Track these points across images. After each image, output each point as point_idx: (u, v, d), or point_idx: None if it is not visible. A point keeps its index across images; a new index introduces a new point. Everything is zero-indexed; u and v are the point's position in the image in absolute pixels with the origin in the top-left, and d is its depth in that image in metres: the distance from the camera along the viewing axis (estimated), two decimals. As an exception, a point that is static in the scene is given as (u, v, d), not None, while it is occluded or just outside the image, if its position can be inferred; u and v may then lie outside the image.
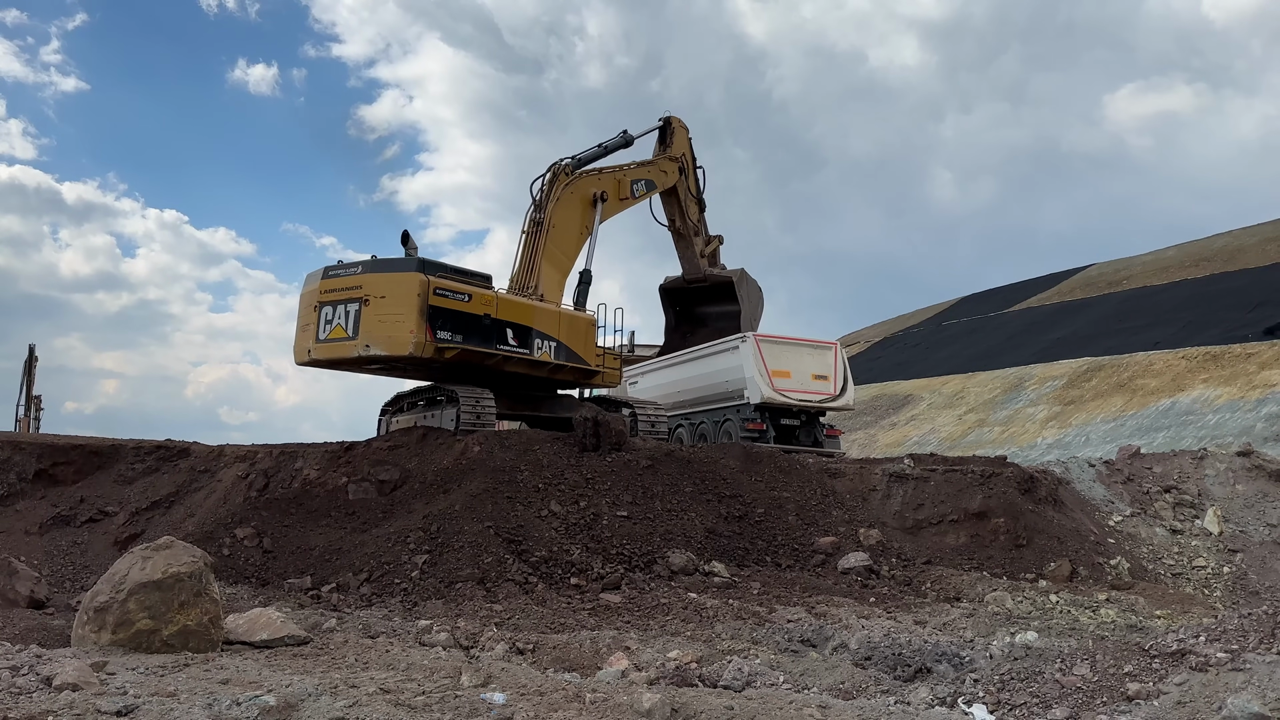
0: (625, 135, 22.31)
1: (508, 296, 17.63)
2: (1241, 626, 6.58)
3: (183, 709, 5.00)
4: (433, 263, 16.80)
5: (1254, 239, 54.81)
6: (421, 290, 15.92)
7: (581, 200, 20.55)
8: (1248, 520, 16.23)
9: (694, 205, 24.05)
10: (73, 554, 14.21)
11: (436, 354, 16.17)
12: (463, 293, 16.58)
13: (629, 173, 22.00)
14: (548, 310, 18.22)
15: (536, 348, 17.58)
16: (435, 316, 16.00)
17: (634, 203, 22.33)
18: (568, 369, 18.23)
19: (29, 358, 37.80)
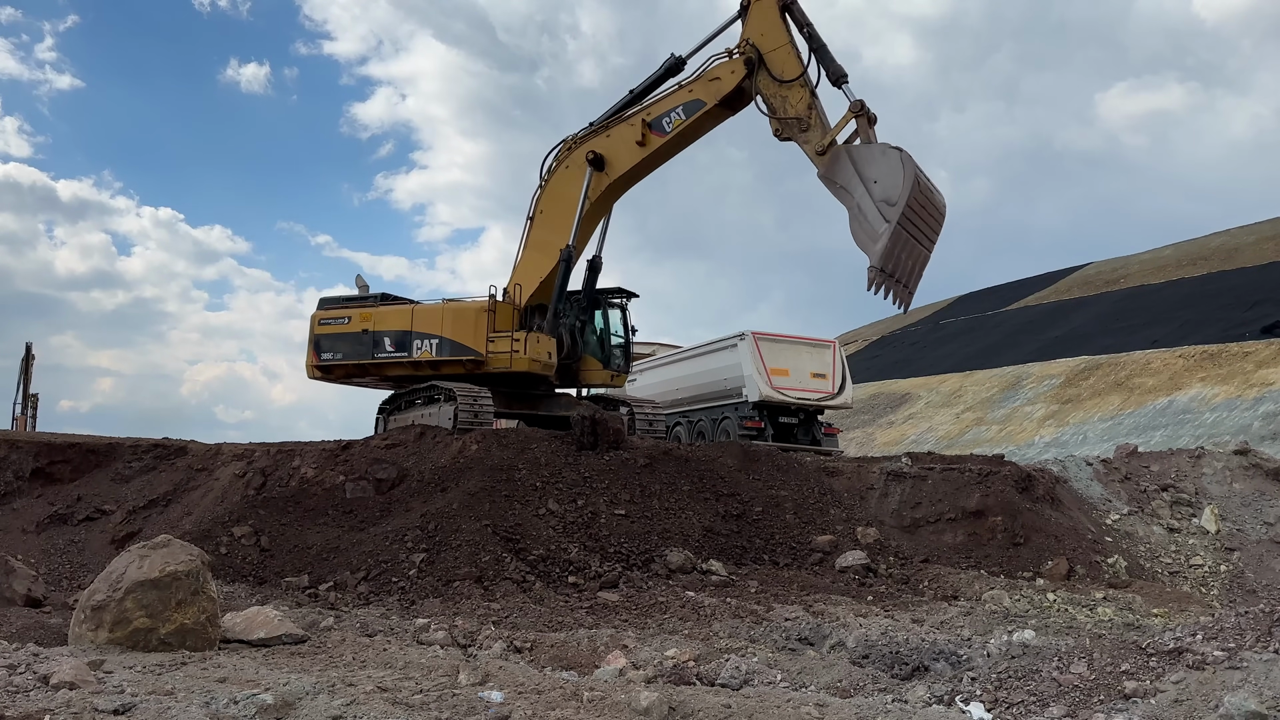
0: (673, 58, 17.51)
1: (385, 309, 19.67)
2: (1238, 625, 6.59)
3: (180, 707, 5.00)
4: (337, 298, 20.54)
5: (1251, 238, 54.88)
6: (312, 323, 19.92)
7: (580, 168, 18.03)
8: (1245, 519, 16.26)
9: (794, 92, 15.99)
10: (70, 552, 14.19)
11: (323, 373, 19.91)
12: (342, 316, 19.74)
13: (655, 107, 17.45)
14: (429, 309, 19.24)
15: (415, 349, 18.92)
16: (320, 342, 19.64)
17: (677, 142, 17.54)
18: (455, 363, 18.65)
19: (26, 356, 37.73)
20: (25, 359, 37.66)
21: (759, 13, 16.66)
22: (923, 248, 15.03)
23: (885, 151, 14.57)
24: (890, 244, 14.20)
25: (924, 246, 15.04)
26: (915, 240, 14.79)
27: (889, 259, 14.27)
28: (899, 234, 14.22)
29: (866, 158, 14.79)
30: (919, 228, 14.74)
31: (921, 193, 14.49)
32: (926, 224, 14.93)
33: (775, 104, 16.29)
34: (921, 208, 14.60)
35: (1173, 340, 40.42)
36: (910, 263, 14.86)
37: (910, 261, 14.86)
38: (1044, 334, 51.93)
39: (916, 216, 14.53)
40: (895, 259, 14.42)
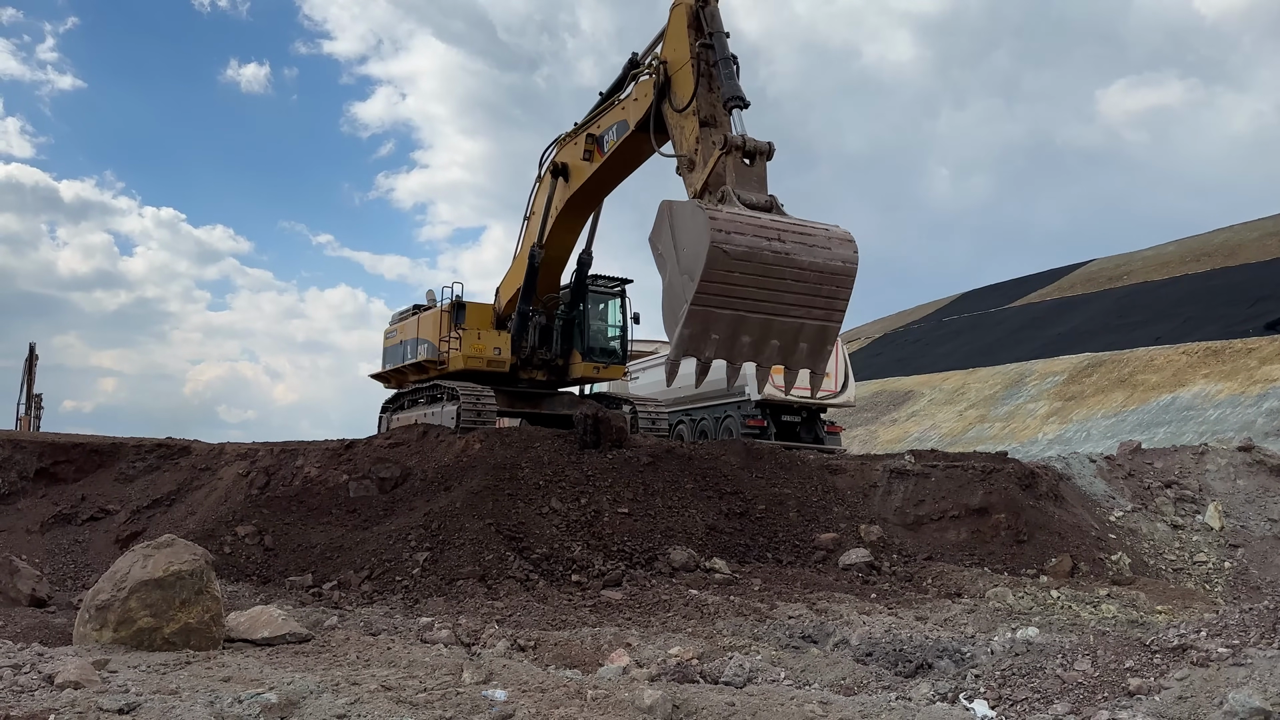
0: (633, 57, 15.18)
1: (411, 319, 21.18)
2: (1243, 621, 6.58)
3: (184, 707, 5.01)
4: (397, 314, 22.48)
5: (1254, 234, 54.79)
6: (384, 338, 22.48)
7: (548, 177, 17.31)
8: (1249, 515, 16.23)
9: (688, 122, 13.27)
10: (74, 552, 14.22)
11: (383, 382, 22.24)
12: (392, 330, 22.05)
13: (603, 120, 15.92)
14: (427, 316, 20.42)
15: (415, 354, 20.48)
16: (384, 354, 22.21)
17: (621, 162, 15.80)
18: (431, 364, 19.76)
19: (29, 356, 37.80)
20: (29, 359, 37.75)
21: (671, 22, 13.99)
22: (790, 320, 11.71)
23: (695, 212, 11.44)
24: (687, 329, 11.19)
25: (790, 318, 11.70)
26: (765, 315, 11.50)
27: (685, 346, 11.35)
28: (704, 316, 11.17)
29: (681, 217, 11.71)
30: (760, 299, 11.38)
31: (739, 261, 11.04)
32: (775, 293, 11.45)
33: (674, 136, 13.68)
34: (754, 277, 11.23)
35: (1176, 337, 40.36)
36: (761, 344, 11.68)
37: (762, 342, 11.67)
38: (1047, 331, 51.87)
39: (743, 289, 11.24)
40: (711, 344, 11.38)
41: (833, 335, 12.30)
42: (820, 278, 11.65)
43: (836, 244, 11.81)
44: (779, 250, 11.31)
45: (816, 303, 11.80)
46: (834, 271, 11.75)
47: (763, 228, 11.32)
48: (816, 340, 12.08)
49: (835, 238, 11.87)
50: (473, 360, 18.12)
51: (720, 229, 10.93)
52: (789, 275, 11.43)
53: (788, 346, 11.92)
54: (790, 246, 11.42)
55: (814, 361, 12.29)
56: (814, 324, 11.91)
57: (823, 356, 12.35)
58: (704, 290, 11.08)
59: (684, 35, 13.48)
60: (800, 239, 11.56)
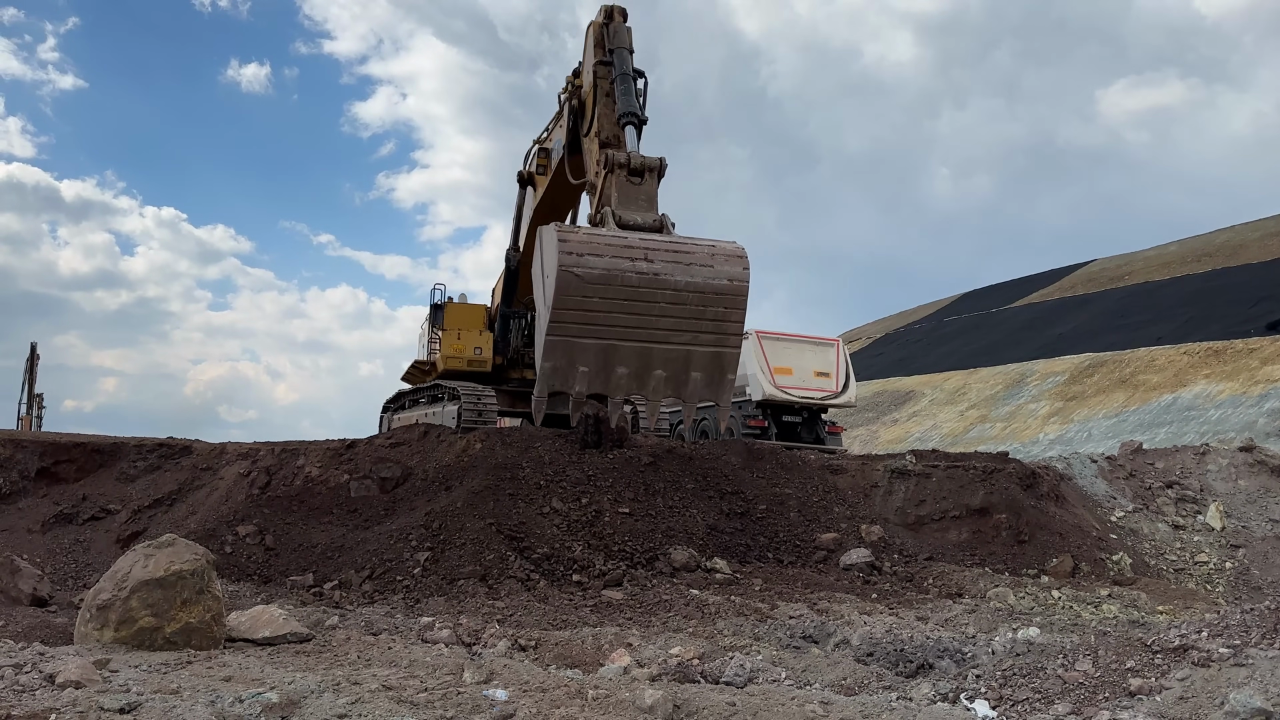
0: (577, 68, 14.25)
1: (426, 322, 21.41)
2: (1244, 622, 6.58)
3: (185, 706, 5.01)
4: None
5: (1256, 234, 54.76)
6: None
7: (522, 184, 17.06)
8: (1250, 515, 16.22)
9: (591, 146, 12.69)
10: (75, 552, 14.22)
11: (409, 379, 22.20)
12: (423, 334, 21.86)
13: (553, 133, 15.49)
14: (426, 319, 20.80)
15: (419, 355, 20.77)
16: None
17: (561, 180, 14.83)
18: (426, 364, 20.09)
19: (31, 356, 37.82)
20: (30, 359, 37.77)
21: (585, 43, 13.25)
22: (673, 347, 10.57)
23: (549, 236, 10.64)
24: (548, 361, 10.39)
25: (673, 345, 10.57)
26: (640, 343, 10.43)
27: (549, 381, 10.47)
28: (565, 347, 10.32)
29: (544, 243, 10.93)
30: (631, 325, 10.36)
31: (596, 285, 10.06)
32: (648, 318, 10.36)
33: (585, 161, 13.03)
34: (619, 301, 10.22)
35: (1177, 337, 40.34)
36: (643, 375, 10.60)
37: (643, 374, 10.58)
38: (1048, 331, 51.86)
39: (606, 314, 10.26)
40: (580, 378, 10.39)
41: (731, 362, 10.94)
42: (702, 299, 10.47)
43: (721, 261, 10.60)
44: (645, 271, 10.27)
45: (703, 326, 10.58)
46: (718, 291, 10.51)
47: (627, 248, 10.33)
48: (713, 369, 10.80)
49: (721, 254, 10.70)
50: (452, 361, 18.31)
51: (571, 251, 10.09)
52: (662, 298, 10.38)
53: (677, 377, 10.70)
54: (661, 266, 10.34)
55: (715, 392, 10.93)
56: (705, 350, 10.65)
57: (724, 387, 10.97)
58: (558, 319, 10.21)
59: (591, 54, 12.95)
60: (674, 258, 10.46)
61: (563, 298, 10.09)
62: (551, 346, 10.34)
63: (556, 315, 10.20)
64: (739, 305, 10.66)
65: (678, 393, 10.78)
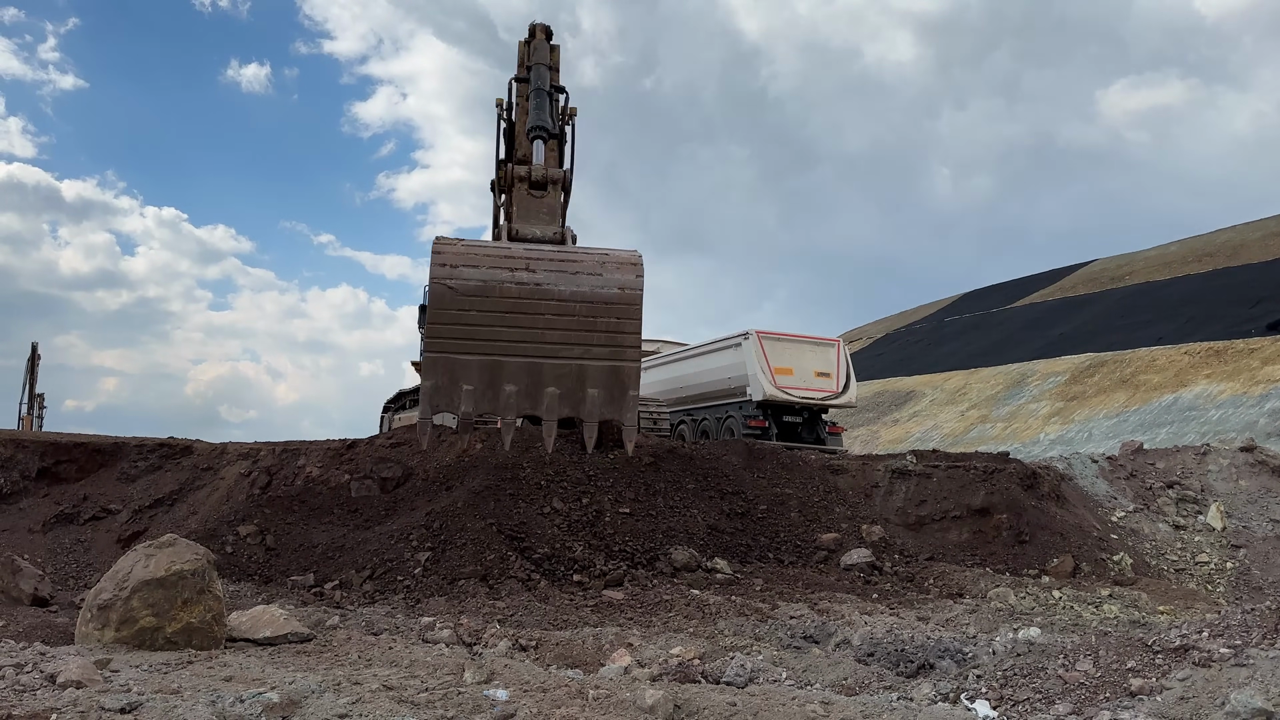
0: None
1: None
2: (1245, 622, 6.57)
3: (186, 706, 5.01)
4: None
5: (1257, 234, 54.73)
6: None
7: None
8: (1251, 516, 16.22)
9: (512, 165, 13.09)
10: (76, 552, 14.22)
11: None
12: None
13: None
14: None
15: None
16: None
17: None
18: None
19: (32, 356, 37.83)
20: (31, 359, 37.78)
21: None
22: (563, 361, 9.85)
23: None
24: (428, 380, 9.80)
25: (563, 359, 9.85)
26: (527, 358, 9.76)
27: (432, 401, 9.82)
28: (446, 365, 9.74)
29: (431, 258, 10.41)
30: (516, 340, 9.71)
31: (472, 298, 9.51)
32: (533, 330, 9.71)
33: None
34: (499, 314, 9.63)
35: (1178, 337, 40.33)
36: (534, 392, 9.87)
37: (534, 391, 9.84)
38: (1049, 331, 51.85)
39: (486, 328, 9.65)
40: (466, 397, 9.70)
41: (630, 376, 10.02)
42: (591, 309, 9.78)
43: (612, 269, 9.92)
44: (526, 281, 9.66)
45: (595, 339, 9.85)
46: (607, 300, 9.79)
47: (506, 258, 9.76)
48: (611, 384, 9.95)
49: (612, 262, 10.03)
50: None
51: (444, 263, 9.57)
52: (546, 309, 9.73)
53: (572, 394, 9.94)
54: (544, 276, 9.72)
55: (617, 409, 10.03)
56: (600, 365, 9.87)
57: (626, 403, 10.07)
58: (434, 334, 9.66)
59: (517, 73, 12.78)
60: (559, 267, 9.82)
61: (437, 311, 9.55)
62: (431, 364, 9.71)
63: (432, 330, 9.65)
64: (632, 315, 9.86)
65: (575, 410, 9.93)
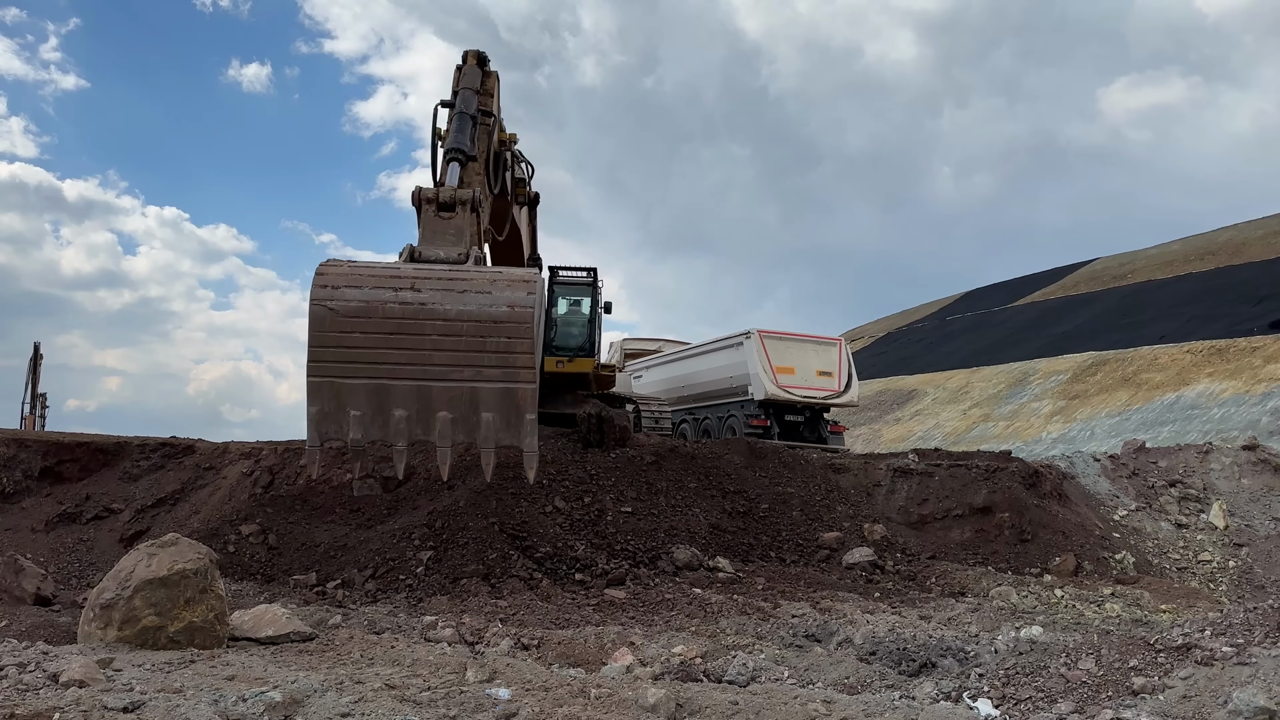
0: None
1: None
2: (1247, 621, 6.57)
3: (189, 705, 5.02)
4: None
5: (1259, 232, 54.66)
6: None
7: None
8: (1253, 514, 16.20)
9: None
10: (78, 551, 14.23)
11: None
12: None
13: None
14: None
15: None
16: None
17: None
18: None
19: (34, 355, 37.86)
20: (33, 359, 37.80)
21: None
22: (454, 384, 9.39)
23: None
24: (314, 406, 9.30)
25: (453, 382, 9.39)
26: (415, 380, 9.32)
27: (318, 428, 9.28)
28: (331, 390, 9.25)
29: None
30: (402, 362, 9.31)
31: (354, 319, 9.23)
32: (420, 352, 9.33)
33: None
34: (383, 335, 9.28)
35: (1180, 336, 40.29)
36: (426, 416, 9.43)
37: (425, 415, 9.41)
38: (1051, 330, 51.81)
39: (371, 350, 9.29)
40: (356, 423, 9.26)
41: (527, 399, 9.47)
42: (480, 328, 9.38)
43: (502, 287, 9.56)
44: (410, 300, 9.33)
45: (485, 360, 9.42)
46: (496, 319, 9.37)
47: (392, 277, 9.49)
48: (506, 408, 9.45)
49: (504, 280, 9.69)
50: None
51: (325, 285, 9.29)
52: (432, 329, 9.37)
53: (466, 419, 9.46)
54: (430, 295, 9.38)
55: (514, 435, 9.50)
56: (493, 387, 9.42)
57: (525, 428, 9.51)
58: (316, 357, 9.25)
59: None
60: (446, 285, 9.47)
61: (318, 334, 9.19)
62: (315, 389, 9.25)
63: (314, 354, 9.25)
64: (524, 334, 9.39)
65: (470, 436, 9.53)
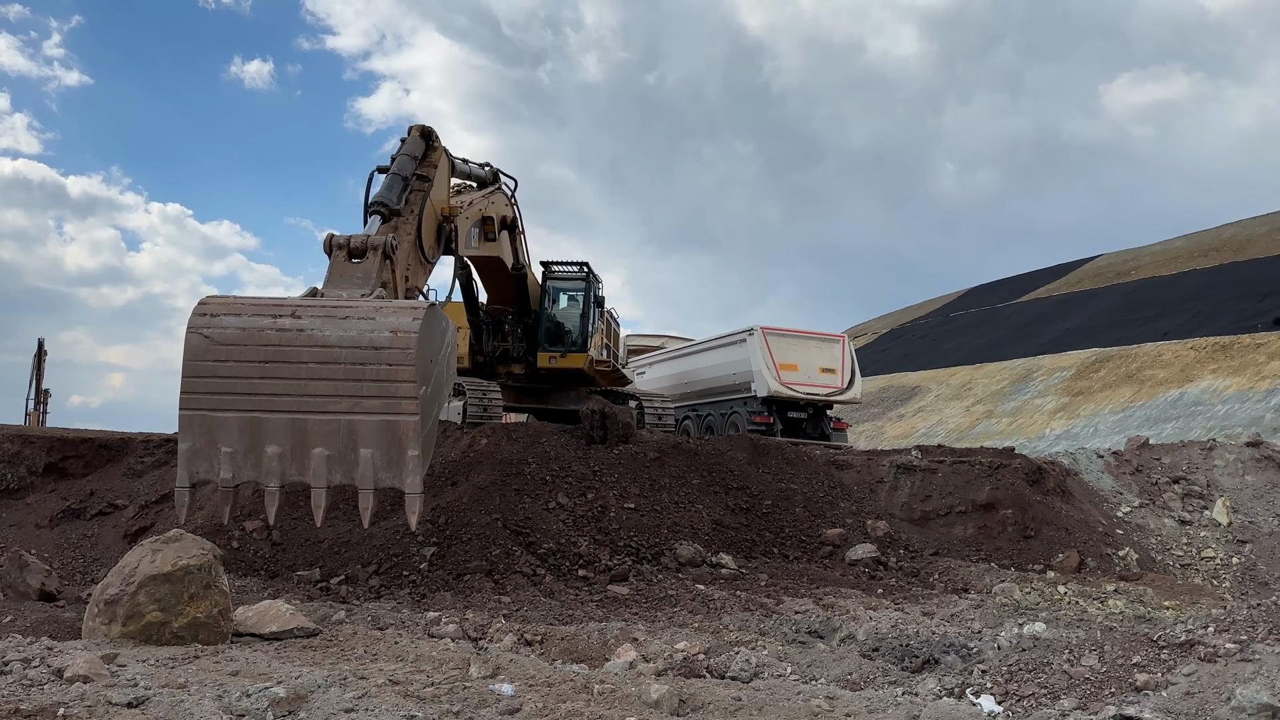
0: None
1: None
2: (1250, 617, 6.56)
3: (193, 700, 5.03)
4: None
5: (1263, 229, 54.55)
6: None
7: None
8: (1257, 511, 16.18)
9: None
10: (83, 547, 14.26)
11: None
12: None
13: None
14: None
15: None
16: None
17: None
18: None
19: (38, 352, 37.91)
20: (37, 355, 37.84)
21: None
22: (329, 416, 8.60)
23: None
24: (184, 442, 8.70)
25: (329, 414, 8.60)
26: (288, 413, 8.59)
27: (189, 466, 8.69)
28: (203, 424, 8.62)
29: None
30: (277, 393, 8.61)
31: (229, 347, 8.64)
32: (295, 381, 8.63)
33: None
34: (257, 364, 8.63)
35: (1184, 332, 40.23)
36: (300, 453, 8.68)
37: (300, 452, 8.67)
38: (1054, 326, 51.75)
39: (244, 381, 8.62)
40: (227, 461, 8.64)
41: (409, 433, 8.63)
42: (358, 354, 8.64)
43: (388, 313, 8.90)
44: (288, 328, 8.71)
45: (365, 390, 8.63)
46: (377, 345, 8.63)
47: (272, 306, 8.97)
48: (386, 443, 8.65)
49: (390, 308, 9.09)
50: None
51: (204, 313, 8.75)
52: (309, 357, 8.65)
53: (344, 456, 8.65)
54: (309, 322, 8.74)
55: (396, 475, 8.72)
56: (372, 420, 8.63)
57: (407, 465, 8.68)
58: (188, 389, 8.58)
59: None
60: (328, 313, 8.85)
61: (191, 364, 8.58)
62: (186, 423, 8.63)
63: (186, 385, 8.61)
64: (407, 360, 8.59)
65: (348, 475, 8.70)
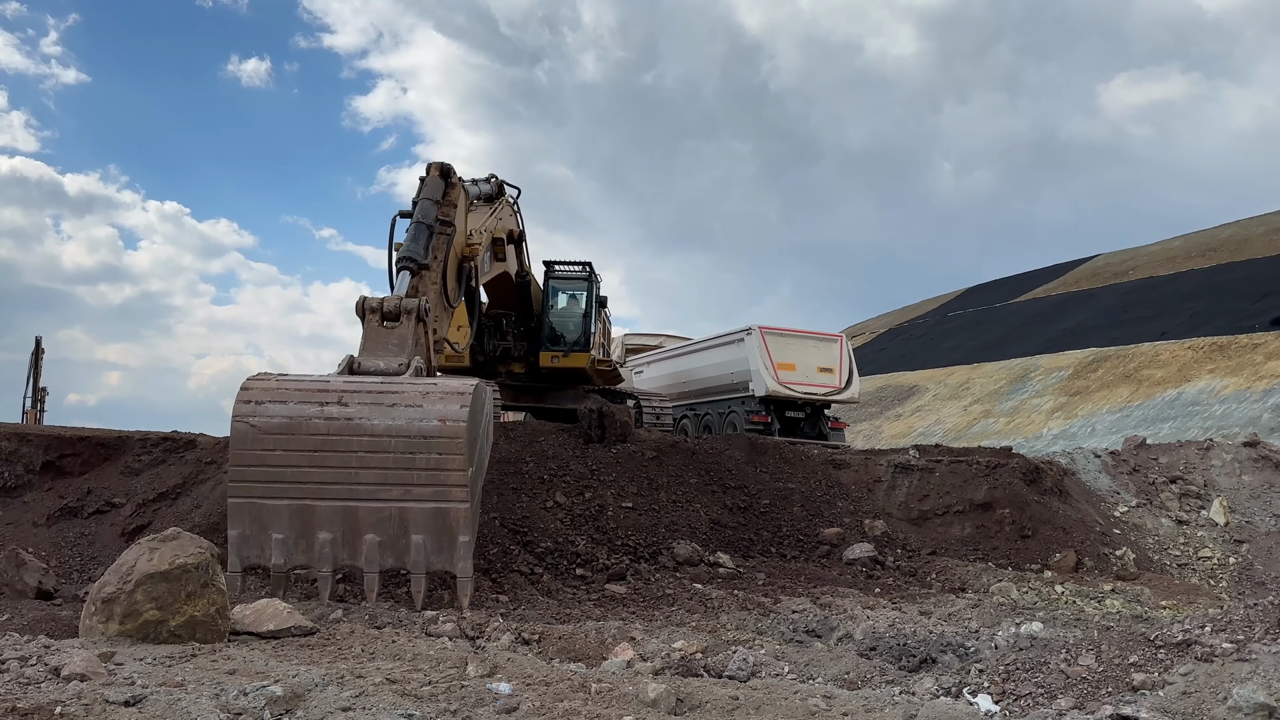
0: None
1: None
2: (1247, 617, 6.57)
3: (190, 699, 5.03)
4: None
5: (1260, 229, 54.61)
6: None
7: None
8: (1254, 511, 16.20)
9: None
10: (80, 545, 14.24)
11: None
12: None
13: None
14: None
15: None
16: None
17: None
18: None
19: (36, 350, 37.84)
20: (35, 353, 37.78)
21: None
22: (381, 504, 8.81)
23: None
24: (234, 529, 8.83)
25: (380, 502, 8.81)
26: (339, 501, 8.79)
27: (240, 553, 8.80)
28: (252, 512, 8.80)
29: None
30: (327, 481, 8.77)
31: (277, 436, 8.74)
32: (345, 470, 8.77)
33: None
34: (306, 454, 8.77)
35: (1182, 332, 40.29)
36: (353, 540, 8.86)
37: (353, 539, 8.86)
38: (1052, 326, 51.81)
39: (293, 469, 8.77)
40: (279, 548, 8.78)
41: (462, 520, 8.91)
42: (408, 444, 8.79)
43: (435, 400, 9.02)
44: (336, 416, 8.79)
45: (415, 478, 8.82)
46: (426, 434, 8.81)
47: (319, 391, 9.01)
48: (438, 529, 8.87)
49: (436, 393, 9.15)
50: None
51: (249, 400, 8.86)
52: (359, 446, 8.78)
53: (395, 542, 8.87)
54: (357, 410, 8.85)
55: (447, 559, 8.95)
56: (423, 507, 8.84)
57: (459, 551, 8.91)
58: (237, 477, 8.78)
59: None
60: (376, 399, 8.95)
61: (239, 453, 8.74)
62: (236, 511, 8.80)
63: (235, 474, 8.81)
64: (456, 449, 8.79)
65: (400, 561, 8.96)
